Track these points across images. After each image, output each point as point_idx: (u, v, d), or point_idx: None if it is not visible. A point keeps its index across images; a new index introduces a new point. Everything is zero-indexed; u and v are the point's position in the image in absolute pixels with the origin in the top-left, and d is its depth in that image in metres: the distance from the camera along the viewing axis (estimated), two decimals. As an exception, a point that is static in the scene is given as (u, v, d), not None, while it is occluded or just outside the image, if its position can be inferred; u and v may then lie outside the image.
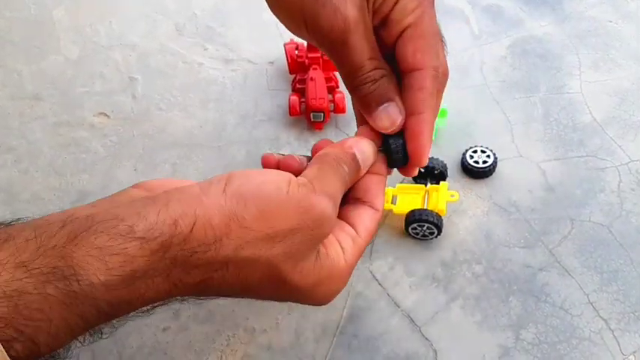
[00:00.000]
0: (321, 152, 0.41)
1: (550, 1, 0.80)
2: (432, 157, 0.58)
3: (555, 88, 0.69)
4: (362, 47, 0.41)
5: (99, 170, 0.62)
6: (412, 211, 0.54)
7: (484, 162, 0.60)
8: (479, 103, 0.68)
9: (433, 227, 0.54)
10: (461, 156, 0.61)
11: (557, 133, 0.64)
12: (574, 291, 0.53)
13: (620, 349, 0.49)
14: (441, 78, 0.43)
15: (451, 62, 0.73)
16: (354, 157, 0.40)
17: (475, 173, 0.60)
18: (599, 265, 0.54)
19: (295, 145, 0.64)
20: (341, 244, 0.39)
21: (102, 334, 0.34)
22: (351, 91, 0.42)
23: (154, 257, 0.31)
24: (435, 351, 0.49)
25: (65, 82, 0.71)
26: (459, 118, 0.66)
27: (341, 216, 0.41)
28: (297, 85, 0.67)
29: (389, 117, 0.41)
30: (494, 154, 0.60)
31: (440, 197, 0.56)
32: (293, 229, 0.34)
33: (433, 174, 0.58)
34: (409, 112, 0.42)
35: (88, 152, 0.64)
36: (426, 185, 0.58)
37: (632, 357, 0.49)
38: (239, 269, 0.34)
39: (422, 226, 0.54)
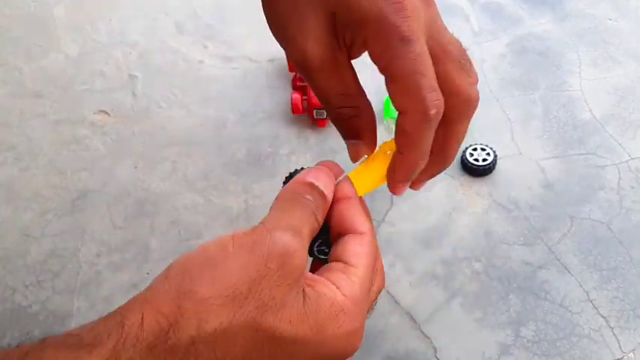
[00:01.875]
0: (280, 193, 0.38)
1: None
2: None
3: (555, 86, 0.69)
4: (327, 84, 0.40)
5: (99, 168, 0.63)
6: None
7: (484, 160, 0.60)
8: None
9: None
10: (461, 154, 0.61)
11: (557, 131, 0.64)
12: (573, 288, 0.53)
13: (620, 347, 0.49)
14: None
15: (451, 60, 0.73)
16: (312, 185, 0.38)
17: (475, 171, 0.60)
18: (599, 262, 0.54)
19: (295, 142, 0.64)
20: (332, 281, 0.35)
21: None
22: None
23: None
24: (435, 348, 0.50)
25: (65, 79, 0.71)
26: (459, 115, 0.66)
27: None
28: (298, 83, 0.67)
29: (355, 151, 0.41)
30: (494, 152, 0.60)
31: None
32: (254, 279, 0.31)
33: None
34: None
35: (89, 150, 0.64)
36: None
37: (631, 354, 0.49)
38: (211, 347, 0.30)
39: None
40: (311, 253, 0.39)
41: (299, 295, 0.33)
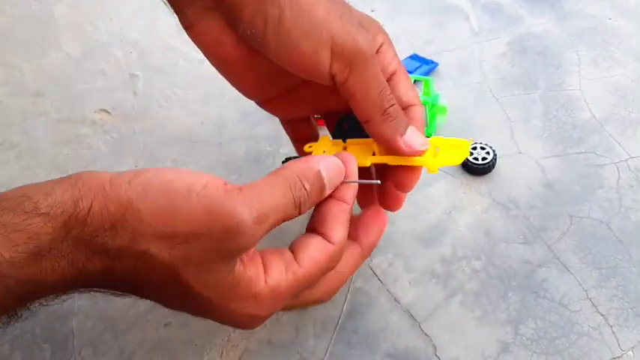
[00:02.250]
0: (283, 165, 0.38)
1: (550, -1, 0.80)
2: None
3: (554, 85, 0.69)
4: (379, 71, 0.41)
5: (100, 167, 0.63)
6: None
7: (483, 159, 0.60)
8: (478, 99, 0.68)
9: None
10: (460, 153, 0.61)
11: (557, 130, 0.65)
12: (573, 287, 0.53)
13: (619, 345, 0.49)
14: None
15: (451, 59, 0.74)
16: (318, 175, 0.38)
17: (474, 170, 0.60)
18: (598, 261, 0.54)
19: (296, 141, 0.64)
20: (266, 267, 0.36)
21: (19, 316, 0.33)
22: (380, 117, 0.41)
23: (57, 235, 0.31)
24: (435, 346, 0.50)
25: (66, 78, 0.71)
26: (459, 114, 0.66)
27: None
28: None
29: (420, 138, 0.42)
30: (493, 151, 0.60)
31: None
32: (195, 233, 0.32)
33: None
34: None
35: (90, 149, 0.64)
36: None
37: (630, 352, 0.49)
38: (134, 263, 0.32)
39: None
40: None
41: (228, 267, 0.34)
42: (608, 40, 0.74)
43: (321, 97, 0.46)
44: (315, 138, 0.51)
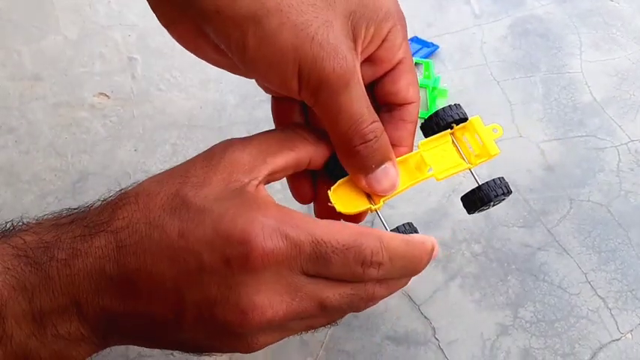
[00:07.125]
0: None
1: (551, -20, 0.79)
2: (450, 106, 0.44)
3: (556, 68, 0.69)
4: (361, 93, 0.36)
5: (99, 150, 0.63)
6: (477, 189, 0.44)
7: None
8: (479, 82, 0.68)
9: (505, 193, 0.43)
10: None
11: (557, 113, 0.64)
12: (572, 270, 0.53)
13: (618, 328, 0.50)
14: None
15: (452, 42, 0.73)
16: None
17: None
18: (598, 244, 0.54)
19: (295, 125, 0.64)
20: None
21: None
22: (345, 152, 0.38)
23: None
24: (434, 329, 0.50)
25: (65, 62, 0.71)
26: (459, 98, 0.66)
27: None
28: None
29: (390, 179, 0.39)
30: None
31: (482, 135, 0.45)
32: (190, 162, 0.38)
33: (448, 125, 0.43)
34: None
35: (89, 132, 0.64)
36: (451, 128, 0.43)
37: (629, 335, 0.49)
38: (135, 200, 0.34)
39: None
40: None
41: (223, 183, 0.35)
42: (610, 22, 0.74)
43: None
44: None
